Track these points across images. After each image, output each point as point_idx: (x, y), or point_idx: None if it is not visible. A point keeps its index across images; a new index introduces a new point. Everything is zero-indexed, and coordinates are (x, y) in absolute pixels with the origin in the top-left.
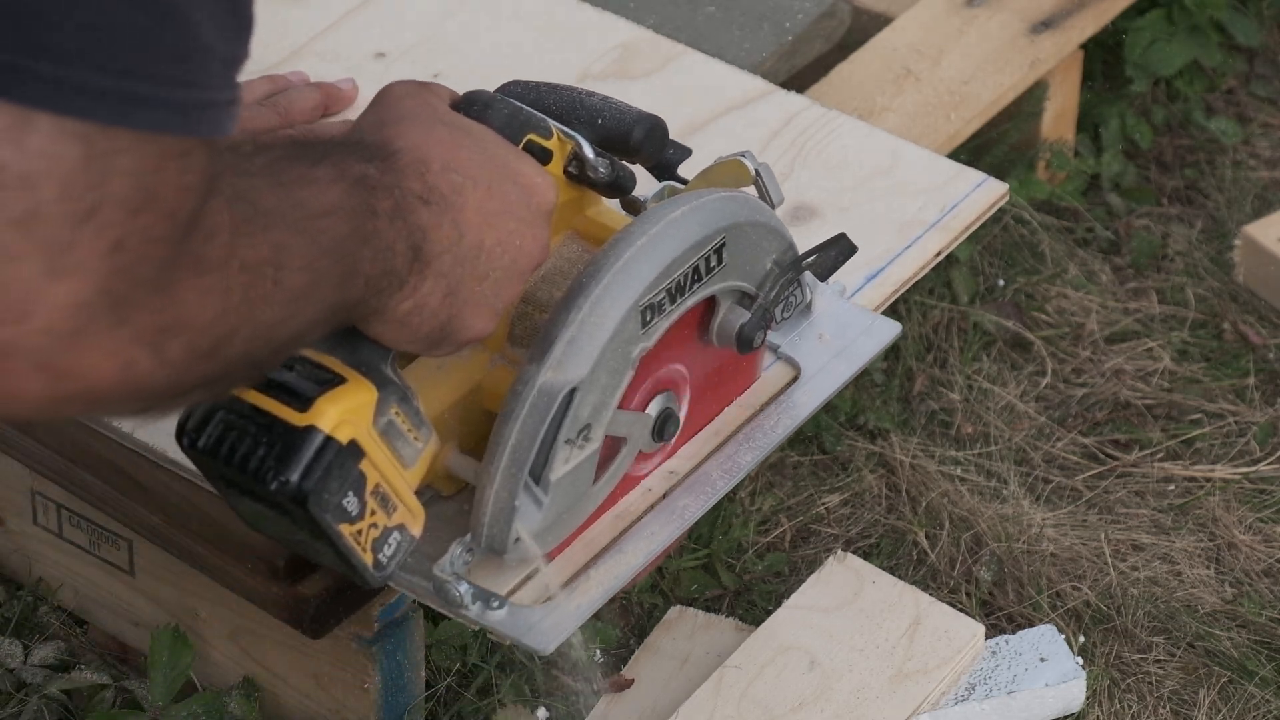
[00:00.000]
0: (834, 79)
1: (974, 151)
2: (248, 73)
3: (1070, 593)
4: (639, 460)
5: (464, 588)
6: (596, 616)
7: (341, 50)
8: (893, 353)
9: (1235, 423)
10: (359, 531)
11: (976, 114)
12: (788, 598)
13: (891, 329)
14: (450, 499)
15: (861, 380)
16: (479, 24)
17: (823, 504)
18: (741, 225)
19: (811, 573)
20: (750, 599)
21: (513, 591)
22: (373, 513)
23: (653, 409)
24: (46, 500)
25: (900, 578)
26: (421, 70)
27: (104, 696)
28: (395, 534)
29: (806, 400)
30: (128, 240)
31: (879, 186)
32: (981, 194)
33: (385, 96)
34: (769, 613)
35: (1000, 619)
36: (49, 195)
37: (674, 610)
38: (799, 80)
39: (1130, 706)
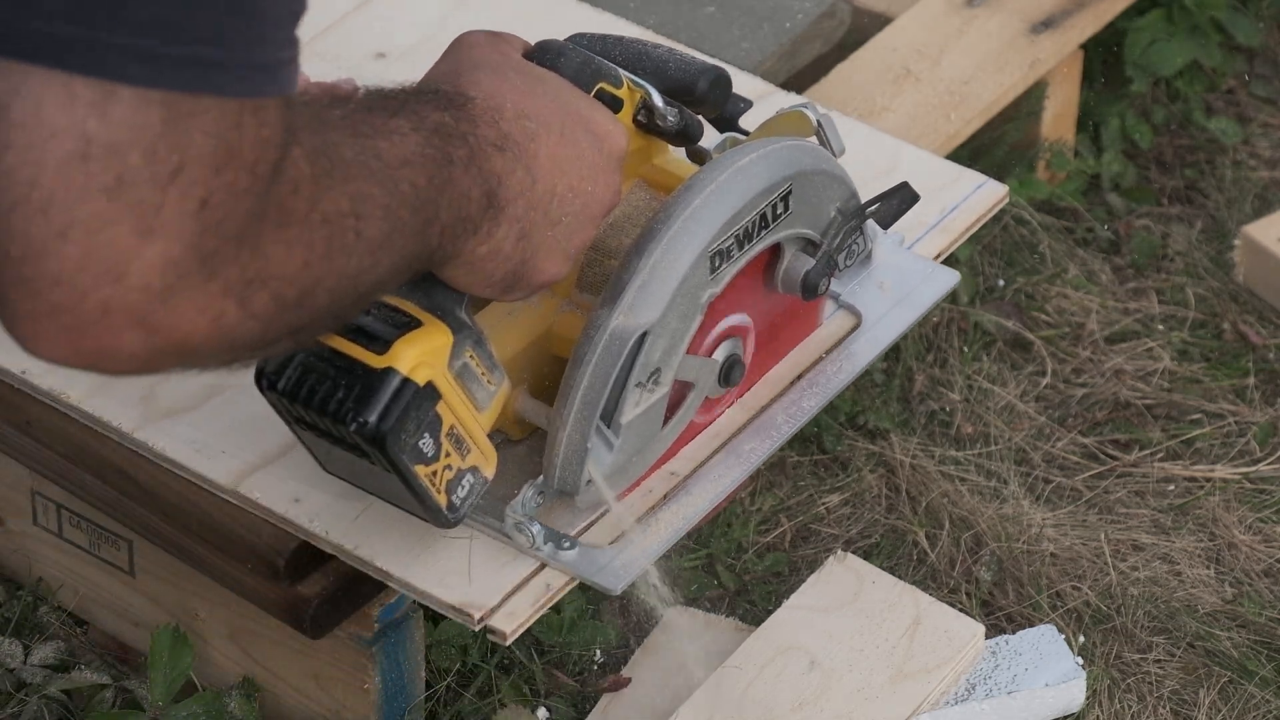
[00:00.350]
0: (834, 79)
1: (974, 151)
2: None
3: (1070, 593)
4: (705, 405)
5: (535, 528)
6: (597, 614)
7: (341, 50)
8: (893, 353)
9: (1235, 423)
10: (434, 473)
11: (976, 114)
12: (788, 598)
13: (951, 277)
14: (519, 443)
15: (861, 380)
16: (479, 24)
17: (823, 504)
18: (807, 173)
19: (811, 573)
20: (750, 599)
21: (582, 532)
22: (447, 454)
23: (719, 354)
24: (46, 500)
25: (900, 578)
26: (421, 70)
27: (104, 696)
28: (469, 476)
29: (867, 348)
30: (213, 197)
31: (879, 188)
32: (982, 196)
33: (458, 46)
34: (769, 613)
35: (1000, 619)
36: (135, 161)
37: (674, 610)
38: (799, 80)
39: (1130, 706)
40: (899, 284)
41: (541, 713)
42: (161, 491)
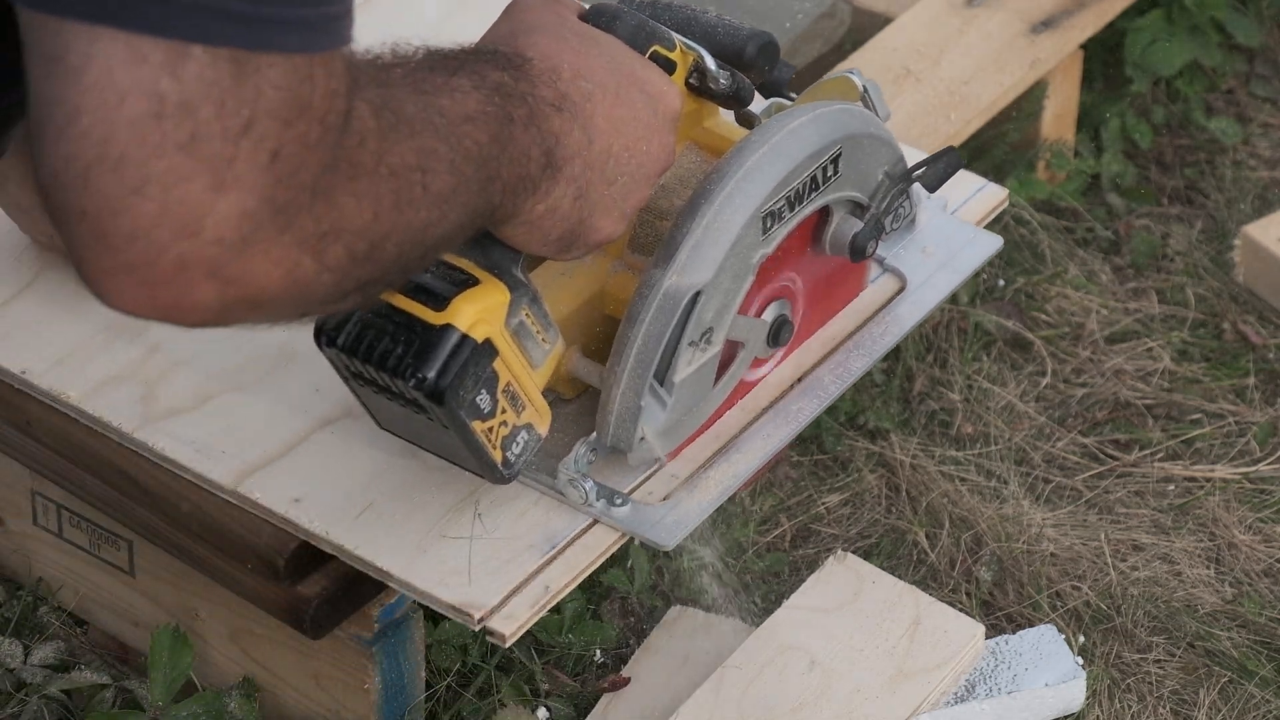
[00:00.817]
0: None
1: (974, 151)
2: None
3: (1070, 593)
4: (754, 365)
5: (588, 485)
6: (597, 614)
7: None
8: (893, 353)
9: (1235, 423)
10: (490, 429)
11: (976, 114)
12: (788, 598)
13: (994, 242)
14: (571, 402)
15: (861, 380)
16: (479, 24)
17: (823, 504)
18: (856, 137)
19: (811, 573)
20: (750, 599)
21: (634, 490)
22: (503, 411)
23: (768, 315)
24: (47, 500)
25: (900, 578)
26: None
27: (104, 696)
28: (523, 433)
29: (912, 311)
30: (284, 149)
31: None
32: (981, 199)
33: (515, 9)
34: (769, 613)
35: (1000, 619)
36: (207, 116)
37: (674, 610)
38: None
39: (1130, 706)
40: (942, 248)
41: (541, 713)
42: (161, 491)
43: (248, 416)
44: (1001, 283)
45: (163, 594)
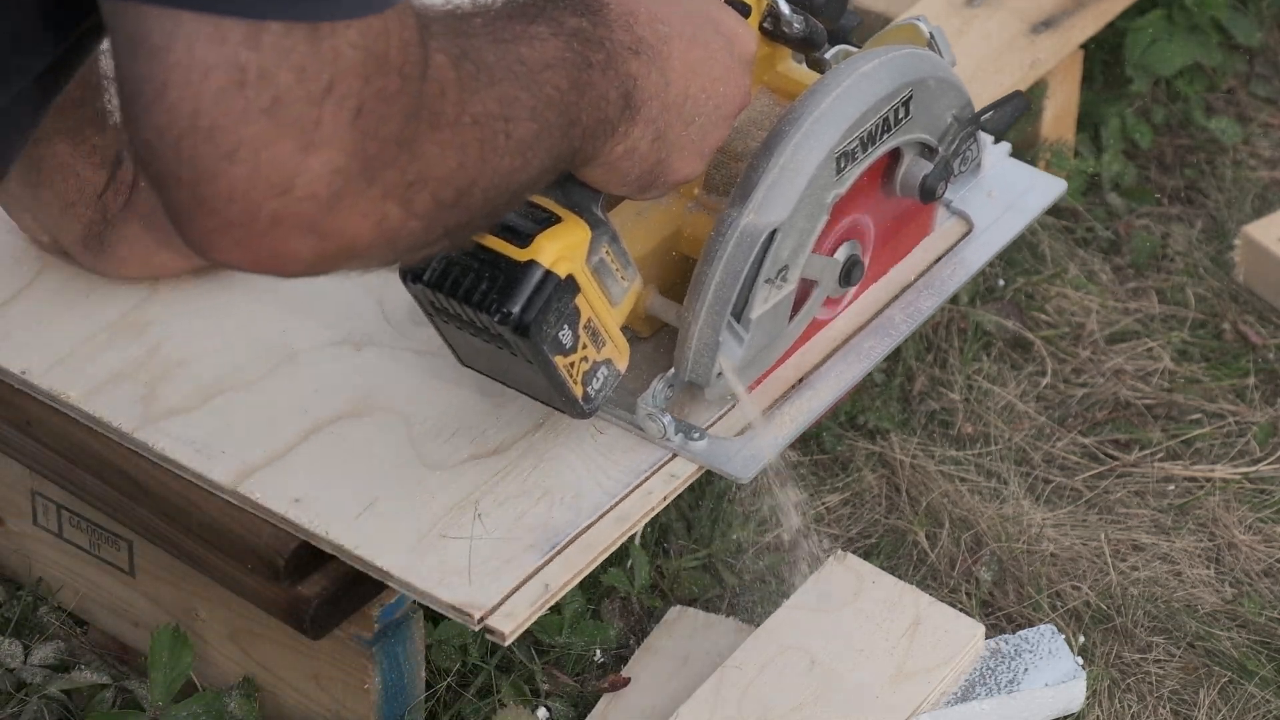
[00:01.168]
0: None
1: None
2: None
3: (1070, 593)
4: (826, 305)
5: (667, 419)
6: (597, 614)
7: None
8: (893, 353)
9: (1235, 423)
10: (571, 364)
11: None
12: (788, 598)
13: (1057, 186)
14: (648, 340)
15: (862, 380)
16: None
17: (823, 504)
18: (926, 80)
19: (812, 573)
20: (750, 599)
21: (710, 426)
22: (584, 346)
23: (840, 255)
24: (47, 501)
25: (900, 578)
26: None
27: (104, 696)
28: (603, 368)
29: (979, 252)
30: (366, 105)
31: None
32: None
33: None
34: (769, 613)
35: (1000, 619)
36: (288, 82)
37: (674, 610)
38: None
39: (1130, 706)
40: (1006, 192)
41: (541, 713)
42: (162, 492)
43: (248, 416)
44: (1001, 283)
45: (163, 594)
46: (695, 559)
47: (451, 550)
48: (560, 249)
